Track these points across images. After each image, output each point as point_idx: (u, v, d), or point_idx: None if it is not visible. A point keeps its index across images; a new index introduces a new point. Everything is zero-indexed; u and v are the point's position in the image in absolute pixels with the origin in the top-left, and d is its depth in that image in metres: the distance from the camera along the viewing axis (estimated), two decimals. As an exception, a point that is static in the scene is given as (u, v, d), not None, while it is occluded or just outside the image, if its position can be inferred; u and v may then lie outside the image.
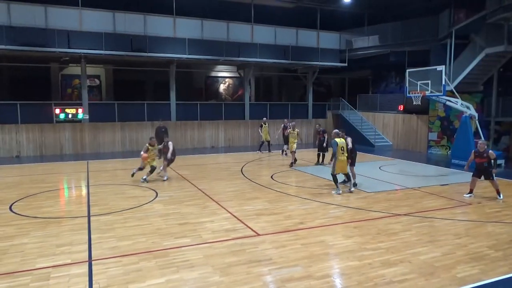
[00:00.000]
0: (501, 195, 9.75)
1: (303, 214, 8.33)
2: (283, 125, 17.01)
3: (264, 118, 19.17)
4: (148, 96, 23.09)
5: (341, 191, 10.20)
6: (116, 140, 19.25)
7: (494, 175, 9.72)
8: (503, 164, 15.04)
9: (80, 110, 18.42)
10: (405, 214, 8.37)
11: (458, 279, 5.30)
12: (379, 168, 14.36)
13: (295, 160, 14.61)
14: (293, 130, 14.77)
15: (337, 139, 10.11)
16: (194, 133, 20.83)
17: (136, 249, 6.27)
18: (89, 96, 19.47)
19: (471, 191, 9.97)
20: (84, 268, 5.59)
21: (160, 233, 7.09)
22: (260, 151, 18.18)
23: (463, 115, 15.46)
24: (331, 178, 10.39)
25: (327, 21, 22.38)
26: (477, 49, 16.43)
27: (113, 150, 18.99)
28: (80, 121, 18.45)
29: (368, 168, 14.33)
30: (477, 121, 15.53)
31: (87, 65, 18.75)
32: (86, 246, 6.43)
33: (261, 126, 18.36)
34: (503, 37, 14.99)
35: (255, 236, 6.98)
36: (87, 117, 18.55)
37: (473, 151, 10.06)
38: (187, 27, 19.17)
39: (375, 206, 9.04)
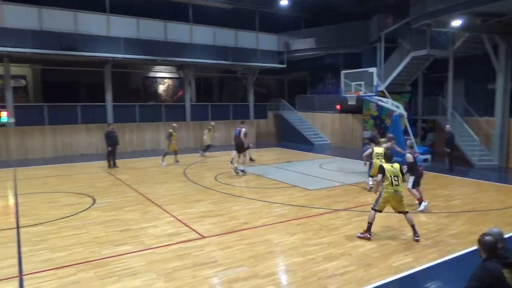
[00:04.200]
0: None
1: (247, 214, 8.38)
2: None
3: (213, 122, 18.74)
4: (81, 98, 21.82)
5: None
6: (47, 145, 17.94)
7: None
8: (429, 159, 16.31)
9: (4, 113, 16.89)
10: (344, 209, 8.75)
11: (394, 268, 5.66)
12: (319, 166, 14.88)
13: None
14: None
15: None
16: (133, 135, 20.06)
17: (73, 260, 5.90)
18: (14, 98, 17.94)
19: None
20: (15, 285, 5.14)
21: (98, 241, 6.73)
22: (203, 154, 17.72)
23: (394, 114, 16.51)
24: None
25: (265, 23, 22.74)
26: (404, 53, 17.66)
27: (43, 156, 17.65)
28: (4, 125, 16.93)
29: (308, 166, 14.81)
30: (406, 119, 16.69)
31: (11, 64, 17.28)
32: (16, 260, 5.92)
33: (209, 129, 17.95)
34: (426, 42, 16.27)
35: (200, 238, 6.89)
36: (13, 121, 17.08)
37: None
38: (122, 26, 18.39)
39: (316, 203, 9.34)
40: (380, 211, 6.88)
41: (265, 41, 23.00)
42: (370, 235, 6.81)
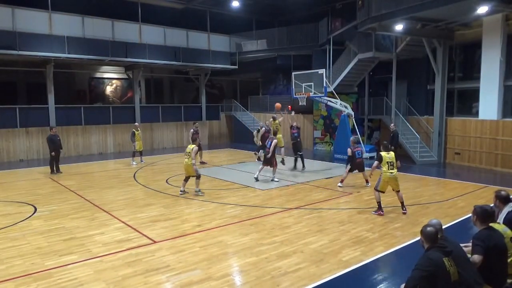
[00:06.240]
0: (369, 183, 11.14)
1: (200, 217, 8.27)
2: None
3: (261, 123, 17.19)
4: (21, 100, 20.46)
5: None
6: (-19, 150, 16.62)
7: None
8: (375, 156, 17.02)
9: None
10: (296, 208, 8.90)
11: (344, 262, 5.83)
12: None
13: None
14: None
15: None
16: (78, 139, 19.11)
17: (12, 274, 5.49)
18: None
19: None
20: None
21: (40, 252, 6.32)
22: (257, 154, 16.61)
23: (342, 114, 17.10)
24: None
25: (217, 24, 22.64)
26: (351, 55, 18.37)
27: (-23, 162, 16.35)
28: None
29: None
30: (353, 119, 17.33)
31: None
32: None
33: (258, 130, 16.54)
34: (371, 45, 17.02)
35: (151, 244, 6.69)
36: None
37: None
38: (66, 24, 17.45)
39: (269, 203, 9.43)
40: (383, 192, 8.33)
41: (217, 42, 22.89)
42: (382, 211, 8.30)
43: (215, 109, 25.38)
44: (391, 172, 8.23)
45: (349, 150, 11.22)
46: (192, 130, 15.52)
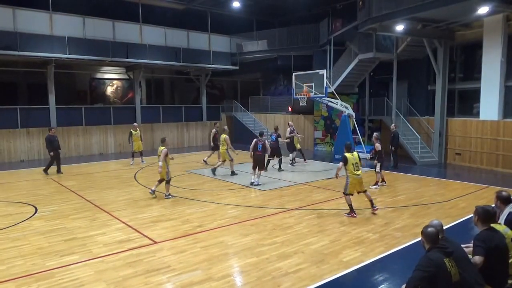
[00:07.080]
0: (385, 182, 11.41)
1: (201, 217, 8.27)
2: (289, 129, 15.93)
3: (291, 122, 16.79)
4: (21, 100, 20.48)
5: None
6: (-18, 151, 16.63)
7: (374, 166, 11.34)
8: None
9: None
10: (297, 208, 8.90)
11: (345, 263, 5.84)
12: (272, 166, 15.02)
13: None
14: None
15: None
16: (79, 139, 19.12)
17: (13, 274, 5.49)
18: None
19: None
20: None
21: (42, 252, 6.33)
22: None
23: (343, 114, 17.09)
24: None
25: (217, 24, 22.66)
26: (352, 55, 18.37)
27: (-22, 162, 16.36)
28: None
29: (262, 167, 14.88)
30: (354, 120, 17.33)
31: None
32: None
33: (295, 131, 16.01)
34: (372, 45, 17.02)
35: (152, 244, 6.70)
36: None
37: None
38: (67, 25, 17.48)
39: (270, 203, 9.43)
40: (352, 194, 8.25)
41: (218, 42, 22.90)
42: (355, 213, 8.20)
43: (216, 109, 25.39)
44: (357, 174, 8.19)
45: (377, 145, 11.08)
46: (214, 130, 15.68)
